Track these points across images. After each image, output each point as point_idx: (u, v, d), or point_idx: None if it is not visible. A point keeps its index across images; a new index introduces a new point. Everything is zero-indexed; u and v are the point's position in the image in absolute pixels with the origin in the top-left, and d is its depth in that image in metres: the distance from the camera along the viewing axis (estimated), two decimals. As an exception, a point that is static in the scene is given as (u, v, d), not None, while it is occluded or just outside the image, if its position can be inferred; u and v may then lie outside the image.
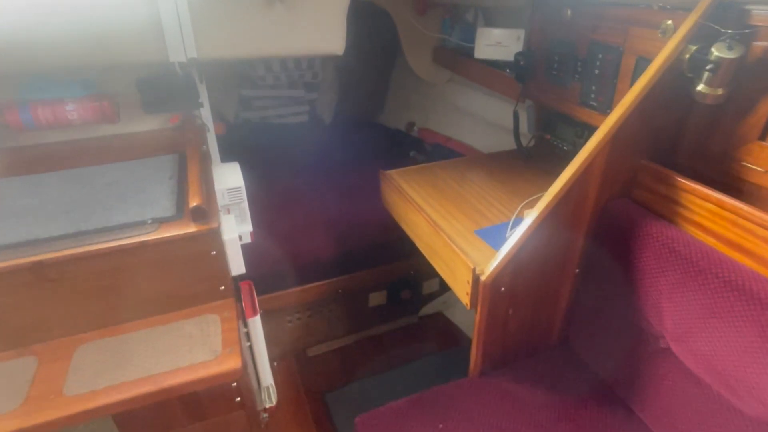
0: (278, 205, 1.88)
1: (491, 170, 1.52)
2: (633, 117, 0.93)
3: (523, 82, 1.58)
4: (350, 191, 1.96)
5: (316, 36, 1.35)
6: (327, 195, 1.96)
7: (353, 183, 2.06)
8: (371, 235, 1.79)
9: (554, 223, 1.00)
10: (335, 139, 2.63)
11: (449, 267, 1.14)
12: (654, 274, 0.94)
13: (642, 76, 0.93)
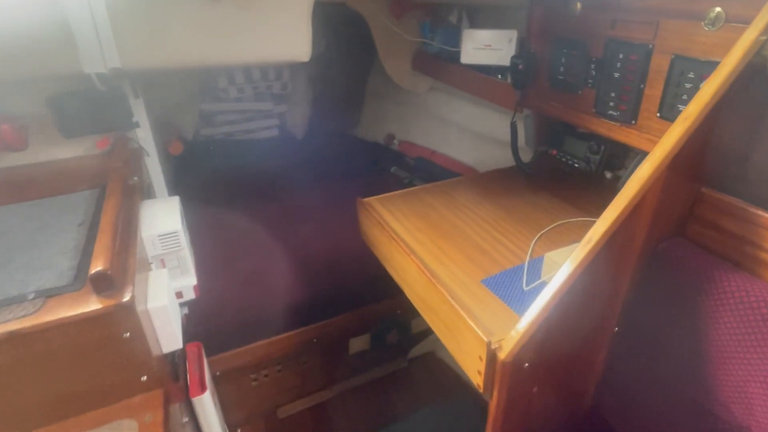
0: (240, 241, 1.59)
1: (490, 194, 1.27)
2: (697, 134, 0.69)
3: (522, 89, 1.34)
4: (326, 218, 1.69)
5: (276, 40, 1.11)
6: (299, 225, 1.69)
7: (329, 207, 1.79)
8: (351, 271, 1.52)
9: (593, 274, 0.75)
10: (308, 156, 2.36)
11: (452, 333, 0.87)
12: (735, 346, 0.69)
13: (710, 80, 0.69)
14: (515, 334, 0.75)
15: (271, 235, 1.62)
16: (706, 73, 0.88)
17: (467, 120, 1.93)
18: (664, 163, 0.71)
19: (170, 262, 1.03)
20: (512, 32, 1.51)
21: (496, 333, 0.80)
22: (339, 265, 1.50)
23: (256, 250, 1.54)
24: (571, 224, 1.12)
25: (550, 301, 0.72)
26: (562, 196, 1.24)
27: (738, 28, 0.81)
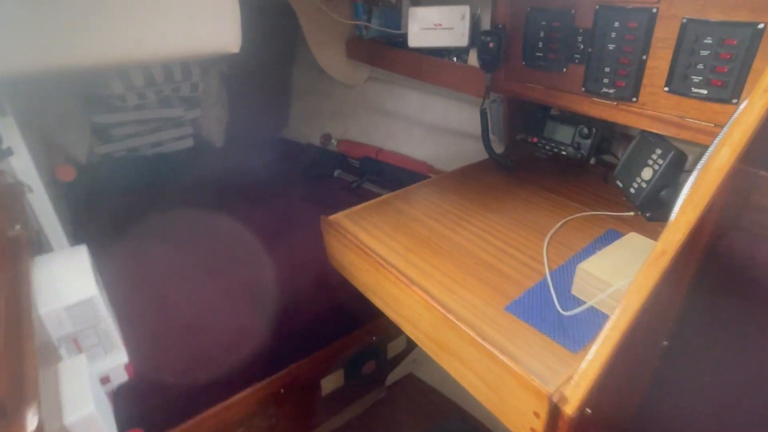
0: (170, 283, 1.26)
1: (473, 195, 1.10)
2: None
3: (492, 71, 1.18)
4: (270, 240, 1.41)
5: (195, 27, 0.84)
6: (239, 252, 1.39)
7: (272, 226, 1.51)
8: (314, 303, 1.27)
9: (661, 292, 0.60)
10: (233, 166, 2.02)
11: (487, 384, 0.68)
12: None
13: None
14: (582, 381, 0.57)
15: (207, 270, 1.31)
16: (729, 37, 0.77)
17: (416, 111, 1.74)
18: (741, 144, 0.56)
19: (87, 339, 0.73)
20: (464, 8, 1.35)
21: (550, 378, 0.62)
22: (298, 298, 1.24)
23: (192, 293, 1.23)
24: (576, 221, 0.98)
25: (619, 335, 0.56)
26: (554, 189, 1.10)
27: (771, -21, 0.70)
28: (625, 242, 0.79)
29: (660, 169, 0.90)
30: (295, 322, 1.22)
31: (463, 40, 1.38)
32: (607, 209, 1.01)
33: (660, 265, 0.56)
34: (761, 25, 0.73)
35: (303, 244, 1.37)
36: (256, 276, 1.28)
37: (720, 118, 0.82)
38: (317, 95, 2.11)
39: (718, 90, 0.81)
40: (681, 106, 0.87)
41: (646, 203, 0.95)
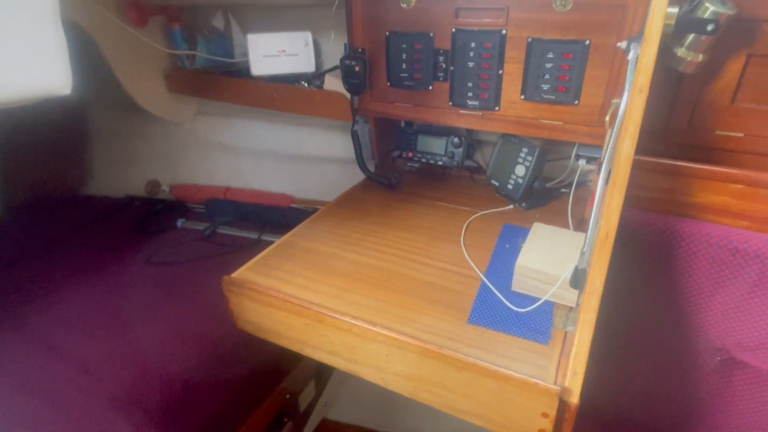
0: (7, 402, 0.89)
1: (373, 218, 1.08)
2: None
3: (359, 94, 1.19)
4: (123, 327, 1.12)
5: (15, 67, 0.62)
6: (87, 351, 1.06)
7: (118, 306, 1.20)
8: (212, 385, 1.07)
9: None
10: (30, 243, 1.55)
11: (484, 404, 0.68)
12: (711, 285, 0.76)
13: (645, 51, 0.70)
14: (578, 368, 0.63)
15: (56, 376, 0.97)
16: (566, 52, 0.94)
17: (264, 142, 1.63)
18: (635, 136, 0.69)
19: None
20: (306, 34, 1.34)
21: (544, 375, 0.66)
22: (190, 394, 1.02)
23: (39, 411, 0.89)
24: (474, 223, 1.05)
25: (594, 317, 0.63)
26: (441, 198, 1.17)
27: (592, 6, 0.88)
28: (536, 233, 0.89)
29: (531, 164, 1.05)
30: (193, 415, 1.01)
31: (309, 66, 1.37)
32: (490, 207, 1.12)
33: (608, 246, 0.65)
34: (588, 42, 0.91)
35: (174, 319, 1.14)
36: (122, 376, 1.00)
37: (567, 117, 1.00)
38: (130, 138, 1.79)
39: (562, 95, 0.98)
40: (536, 110, 1.02)
41: (524, 195, 1.09)
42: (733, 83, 0.81)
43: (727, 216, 0.77)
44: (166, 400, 0.98)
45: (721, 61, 0.81)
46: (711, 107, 0.84)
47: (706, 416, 0.86)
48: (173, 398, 0.99)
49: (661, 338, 0.84)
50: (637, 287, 0.83)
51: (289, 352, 1.21)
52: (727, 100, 0.82)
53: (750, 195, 0.75)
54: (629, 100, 0.69)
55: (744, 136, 0.83)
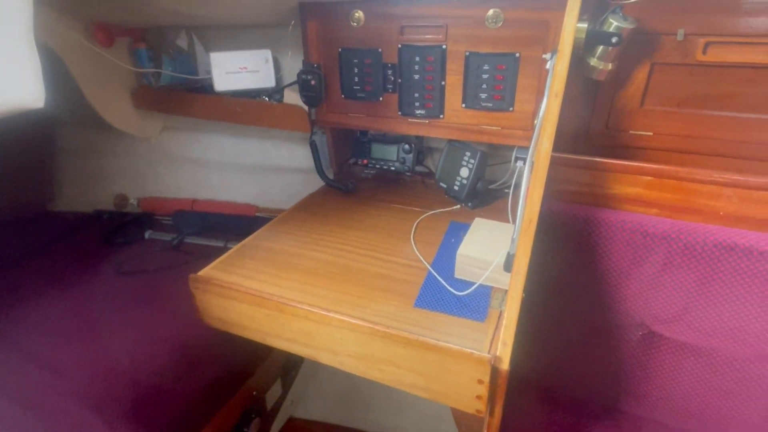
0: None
1: (332, 220, 1.16)
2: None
3: (316, 106, 1.27)
4: (98, 329, 1.15)
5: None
6: (63, 352, 1.09)
7: (92, 312, 1.23)
8: (180, 383, 1.11)
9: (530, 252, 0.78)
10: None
11: (427, 376, 0.76)
12: (627, 266, 0.86)
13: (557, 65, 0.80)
14: (508, 339, 0.71)
15: (40, 371, 1.00)
16: (499, 63, 1.05)
17: (229, 155, 1.69)
18: (552, 135, 0.80)
19: None
20: (266, 51, 1.42)
21: (479, 347, 0.74)
22: (160, 392, 1.06)
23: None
24: (423, 222, 1.14)
25: (520, 294, 0.72)
26: (394, 200, 1.26)
27: (519, 22, 0.99)
28: (477, 227, 0.98)
29: (474, 167, 1.15)
30: (164, 411, 1.04)
31: (270, 81, 1.44)
32: (439, 207, 1.21)
33: (531, 231, 0.74)
34: (518, 54, 1.02)
35: (144, 324, 1.17)
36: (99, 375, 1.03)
37: (504, 123, 1.10)
38: (98, 154, 1.82)
39: (498, 102, 1.08)
40: (476, 117, 1.12)
41: (468, 196, 1.18)
42: (641, 88, 0.93)
43: (639, 204, 0.88)
44: (138, 398, 1.01)
45: (629, 69, 0.93)
46: (624, 110, 0.96)
47: (633, 386, 0.96)
48: (144, 396, 1.02)
49: (589, 316, 0.94)
50: (566, 270, 0.92)
51: (255, 352, 1.27)
52: (636, 104, 0.94)
53: (658, 185, 0.86)
54: (548, 104, 0.79)
55: (653, 134, 0.95)
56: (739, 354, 0.84)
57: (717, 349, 0.85)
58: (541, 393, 1.02)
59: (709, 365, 0.87)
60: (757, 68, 0.83)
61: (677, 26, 0.84)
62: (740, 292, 0.80)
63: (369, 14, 1.12)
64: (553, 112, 0.77)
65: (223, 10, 1.24)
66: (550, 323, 0.98)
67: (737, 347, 0.83)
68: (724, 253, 0.79)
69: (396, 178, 1.41)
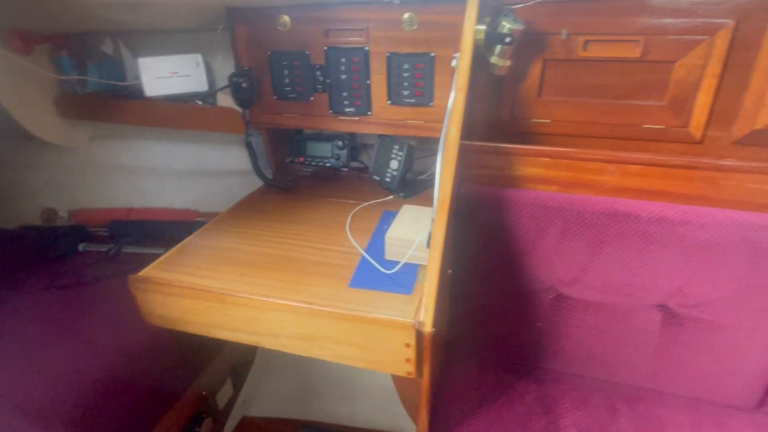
0: None
1: (270, 216, 1.20)
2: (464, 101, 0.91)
3: (249, 108, 1.32)
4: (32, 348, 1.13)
5: None
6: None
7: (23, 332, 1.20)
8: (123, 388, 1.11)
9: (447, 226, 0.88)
10: None
11: (360, 347, 0.83)
12: (533, 237, 0.98)
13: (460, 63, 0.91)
14: (429, 305, 0.80)
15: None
16: (418, 63, 1.14)
17: (164, 161, 1.69)
18: (459, 124, 0.90)
19: None
20: (196, 56, 1.44)
21: (405, 315, 0.82)
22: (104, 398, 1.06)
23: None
24: (358, 213, 1.21)
25: (438, 266, 0.81)
26: (330, 195, 1.32)
27: (432, 24, 1.09)
28: (405, 213, 1.07)
29: (402, 159, 1.24)
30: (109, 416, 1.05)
31: (203, 85, 1.46)
32: (373, 199, 1.29)
33: (444, 209, 0.84)
34: (433, 54, 1.12)
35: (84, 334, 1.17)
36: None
37: (426, 117, 1.20)
38: (21, 167, 1.75)
39: (420, 98, 1.18)
40: (401, 113, 1.22)
41: (399, 186, 1.27)
42: (537, 82, 1.06)
43: (540, 183, 1.00)
44: (81, 407, 1.01)
45: (526, 65, 1.05)
46: (525, 101, 1.08)
47: (549, 344, 1.08)
48: (88, 405, 1.02)
49: (507, 284, 1.05)
50: (484, 245, 1.03)
51: (202, 352, 1.29)
52: (535, 95, 1.07)
53: (555, 165, 0.99)
54: (454, 97, 0.89)
55: (551, 121, 1.08)
56: (629, 306, 0.98)
57: (611, 304, 0.99)
58: (473, 358, 1.13)
59: (606, 318, 1.01)
60: (627, 62, 0.97)
61: (561, 27, 0.97)
62: (625, 252, 0.94)
63: (295, 19, 1.19)
64: (458, 105, 0.87)
65: (149, 16, 1.26)
66: (476, 294, 1.08)
67: (626, 300, 0.98)
68: (610, 219, 0.92)
69: (333, 173, 1.48)
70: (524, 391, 1.06)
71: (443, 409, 1.02)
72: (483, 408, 1.02)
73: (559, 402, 1.03)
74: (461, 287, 1.09)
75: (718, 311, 0.93)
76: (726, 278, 0.89)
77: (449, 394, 1.06)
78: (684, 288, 0.93)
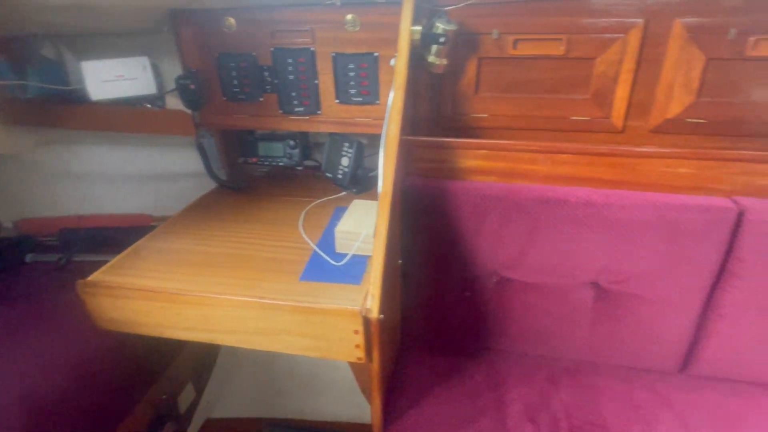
0: None
1: (223, 217, 1.22)
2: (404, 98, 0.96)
3: (198, 109, 1.32)
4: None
5: None
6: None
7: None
8: (80, 394, 1.10)
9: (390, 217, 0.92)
10: None
11: (313, 337, 0.86)
12: (475, 225, 1.04)
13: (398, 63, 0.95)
14: (375, 293, 0.84)
15: None
16: (362, 62, 1.18)
17: (115, 166, 1.66)
18: (399, 121, 0.94)
19: None
20: (143, 59, 1.43)
21: (354, 304, 0.86)
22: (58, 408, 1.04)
23: None
24: (311, 210, 1.24)
25: (382, 255, 0.85)
26: (284, 194, 1.35)
27: (374, 25, 1.13)
28: (355, 207, 1.11)
29: (353, 156, 1.28)
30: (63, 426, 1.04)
31: (151, 88, 1.45)
32: (327, 196, 1.32)
33: (386, 200, 0.88)
34: (376, 54, 1.16)
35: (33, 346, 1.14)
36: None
37: (374, 114, 1.24)
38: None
39: (366, 97, 1.22)
40: (349, 111, 1.25)
41: (351, 182, 1.31)
42: (474, 79, 1.12)
43: (480, 174, 1.06)
44: (34, 418, 0.99)
45: (463, 63, 1.11)
46: (464, 97, 1.14)
47: (497, 325, 1.15)
48: (41, 417, 1.01)
49: (454, 272, 1.11)
50: (429, 235, 1.08)
51: (160, 356, 1.29)
52: (472, 91, 1.13)
53: (493, 157, 1.05)
54: (393, 96, 0.94)
55: (488, 116, 1.15)
56: (564, 285, 1.06)
57: (549, 284, 1.07)
58: (428, 344, 1.18)
59: (545, 298, 1.08)
60: (553, 59, 1.05)
61: (492, 27, 1.04)
62: (558, 235, 1.01)
63: (240, 21, 1.20)
64: (397, 102, 0.92)
65: (90, 19, 1.24)
66: (426, 282, 1.13)
67: (562, 280, 1.05)
68: (542, 205, 0.99)
69: (288, 173, 1.50)
70: (474, 371, 1.12)
71: (398, 393, 1.07)
72: (435, 389, 1.07)
73: (505, 378, 1.09)
74: (412, 276, 1.14)
75: (641, 285, 1.01)
76: (646, 254, 0.98)
77: (404, 378, 1.11)
78: (611, 265, 1.01)
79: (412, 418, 1.00)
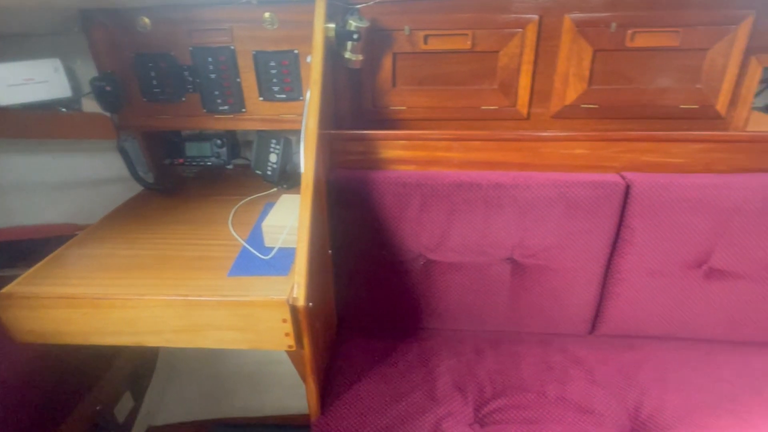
0: None
1: (151, 220, 1.21)
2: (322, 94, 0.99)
3: (117, 112, 1.29)
4: None
5: None
6: None
7: None
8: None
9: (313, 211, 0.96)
10: None
11: (242, 329, 0.89)
12: (398, 212, 1.10)
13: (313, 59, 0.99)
14: (300, 281, 0.88)
15: None
16: (283, 60, 1.21)
17: (30, 176, 1.57)
18: (317, 115, 0.98)
19: None
20: (54, 60, 1.38)
21: (282, 294, 0.89)
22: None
23: None
24: (241, 208, 1.25)
25: (306, 245, 0.89)
26: (213, 193, 1.35)
27: (292, 23, 1.15)
28: (282, 202, 1.13)
29: (280, 152, 1.30)
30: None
31: (65, 91, 1.40)
32: (257, 193, 1.34)
33: (308, 193, 0.91)
34: (296, 51, 1.19)
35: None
36: None
37: (298, 110, 1.27)
38: None
39: (290, 93, 1.25)
40: (274, 108, 1.27)
41: (281, 179, 1.33)
42: (390, 73, 1.17)
43: (400, 163, 1.12)
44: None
45: (380, 58, 1.16)
46: (382, 91, 1.20)
47: (425, 305, 1.22)
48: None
49: (384, 257, 1.16)
50: (356, 224, 1.13)
51: (91, 366, 1.26)
52: (390, 85, 1.19)
53: (411, 146, 1.11)
54: (310, 91, 0.97)
55: (406, 108, 1.21)
56: (484, 262, 1.14)
57: (470, 262, 1.15)
58: (363, 329, 1.24)
59: (468, 275, 1.16)
60: (462, 53, 1.12)
61: (403, 24, 1.10)
62: (473, 216, 1.09)
63: (155, 20, 1.19)
64: (314, 98, 0.95)
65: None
66: (357, 269, 1.18)
67: (481, 258, 1.14)
68: (458, 189, 1.07)
69: (218, 172, 1.49)
70: (407, 350, 1.18)
71: (336, 377, 1.11)
72: (371, 370, 1.13)
73: (436, 354, 1.16)
74: (343, 265, 1.18)
75: (550, 257, 1.11)
76: (552, 229, 1.08)
77: (341, 363, 1.15)
78: (523, 241, 1.10)
79: (349, 399, 1.05)
